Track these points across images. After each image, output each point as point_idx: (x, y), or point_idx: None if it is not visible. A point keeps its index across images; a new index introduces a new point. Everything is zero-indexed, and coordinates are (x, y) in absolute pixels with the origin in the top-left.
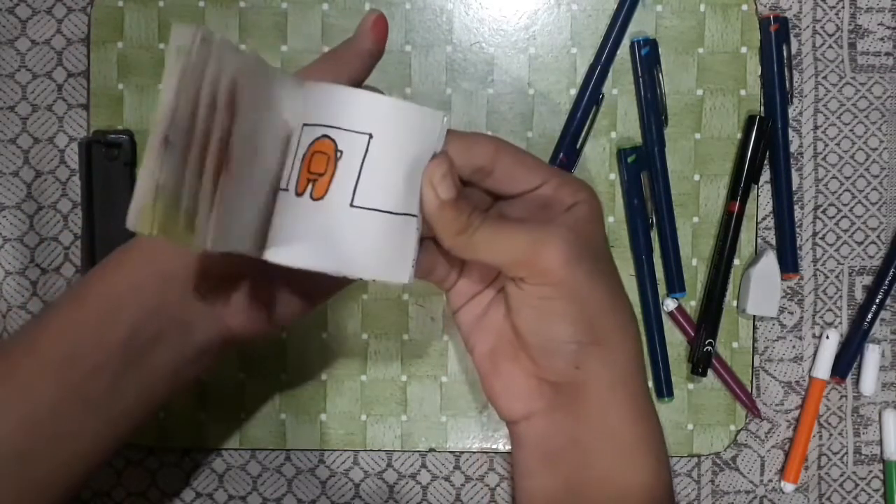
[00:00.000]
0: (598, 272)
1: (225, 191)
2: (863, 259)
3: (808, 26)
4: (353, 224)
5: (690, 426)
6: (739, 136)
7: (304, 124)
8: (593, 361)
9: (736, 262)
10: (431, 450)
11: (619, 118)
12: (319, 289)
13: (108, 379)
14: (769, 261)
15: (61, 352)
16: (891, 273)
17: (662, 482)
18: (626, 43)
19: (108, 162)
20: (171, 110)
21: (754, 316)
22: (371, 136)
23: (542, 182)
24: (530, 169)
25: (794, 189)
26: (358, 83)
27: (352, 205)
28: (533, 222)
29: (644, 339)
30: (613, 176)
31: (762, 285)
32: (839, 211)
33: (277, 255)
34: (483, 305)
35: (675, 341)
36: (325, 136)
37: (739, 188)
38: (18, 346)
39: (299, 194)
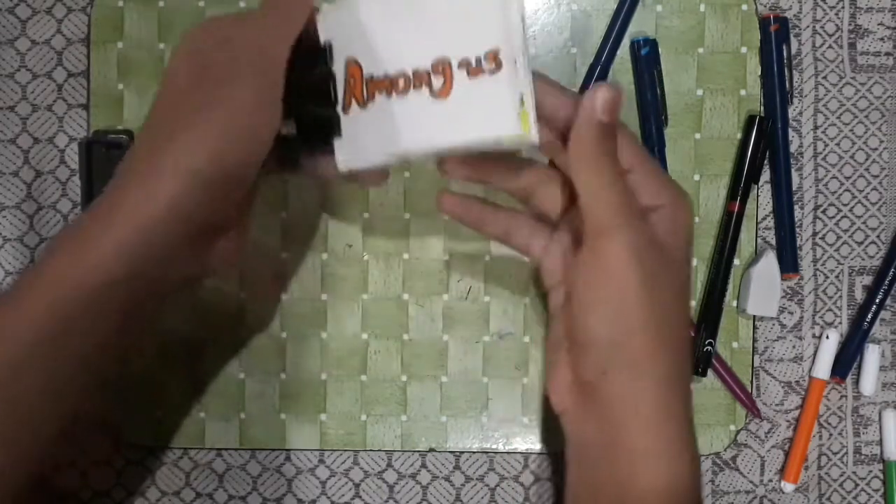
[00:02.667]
0: (660, 284)
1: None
2: (863, 259)
3: (808, 26)
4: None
5: None
6: (739, 136)
7: None
8: (622, 373)
9: (736, 262)
10: (431, 450)
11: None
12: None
13: (112, 326)
14: (769, 261)
15: (66, 300)
16: (891, 273)
17: (689, 473)
18: (626, 43)
19: (108, 162)
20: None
21: (754, 316)
22: None
23: (664, 203)
24: (662, 184)
25: (794, 189)
26: None
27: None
28: (635, 207)
29: None
30: None
31: (762, 285)
32: (839, 211)
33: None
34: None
35: None
36: None
37: (739, 188)
38: (10, 299)
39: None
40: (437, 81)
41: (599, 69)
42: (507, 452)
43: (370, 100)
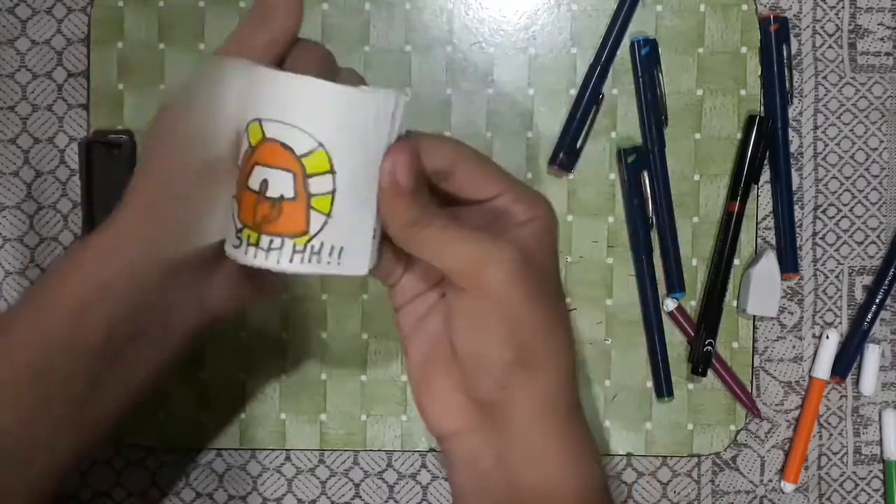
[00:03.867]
0: (541, 295)
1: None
2: (863, 259)
3: (808, 26)
4: None
5: (690, 426)
6: (739, 136)
7: (253, 120)
8: (519, 384)
9: (736, 262)
10: (431, 450)
11: (619, 118)
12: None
13: (83, 386)
14: (769, 261)
15: (35, 355)
16: (891, 273)
17: (593, 485)
18: (626, 43)
19: (108, 162)
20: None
21: (754, 316)
22: (322, 146)
23: (499, 192)
24: (490, 177)
25: (794, 189)
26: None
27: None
28: (484, 234)
29: (644, 338)
30: (613, 176)
31: (762, 285)
32: (839, 211)
33: (232, 253)
34: (424, 308)
35: (675, 341)
36: (272, 139)
37: (739, 188)
38: None
39: (234, 196)
40: None
41: (599, 69)
42: None
43: None
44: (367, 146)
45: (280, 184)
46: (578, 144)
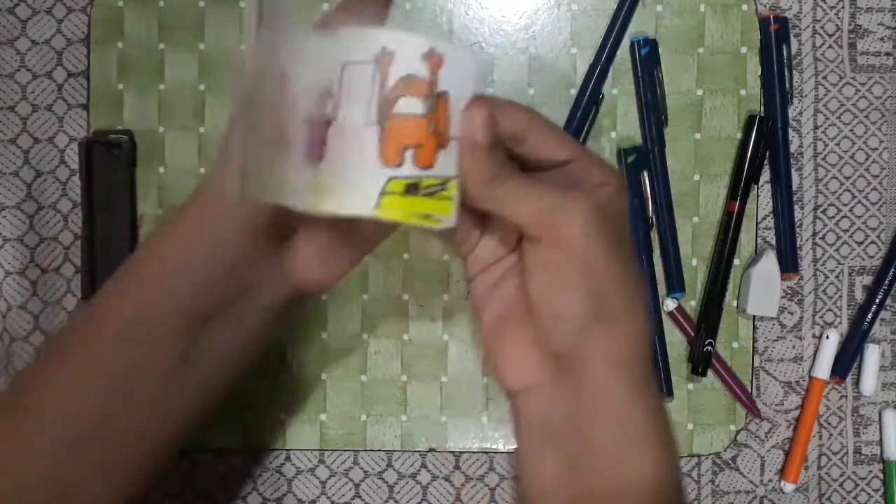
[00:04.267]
0: (617, 250)
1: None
2: (863, 259)
3: (808, 26)
4: None
5: (690, 426)
6: (739, 136)
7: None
8: (597, 336)
9: (736, 262)
10: (431, 450)
11: (619, 118)
12: (368, 236)
13: (178, 349)
14: (769, 261)
15: (126, 326)
16: (891, 273)
17: (667, 466)
18: (626, 43)
19: (108, 162)
20: (250, 74)
21: (754, 316)
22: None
23: (571, 157)
24: (563, 141)
25: (794, 189)
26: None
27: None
28: (561, 187)
29: None
30: None
31: (762, 285)
32: (839, 211)
33: (333, 206)
34: (498, 275)
35: (675, 341)
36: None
37: (739, 188)
38: (84, 322)
39: (365, 138)
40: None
41: (599, 69)
42: (507, 452)
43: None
44: (457, 103)
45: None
46: None
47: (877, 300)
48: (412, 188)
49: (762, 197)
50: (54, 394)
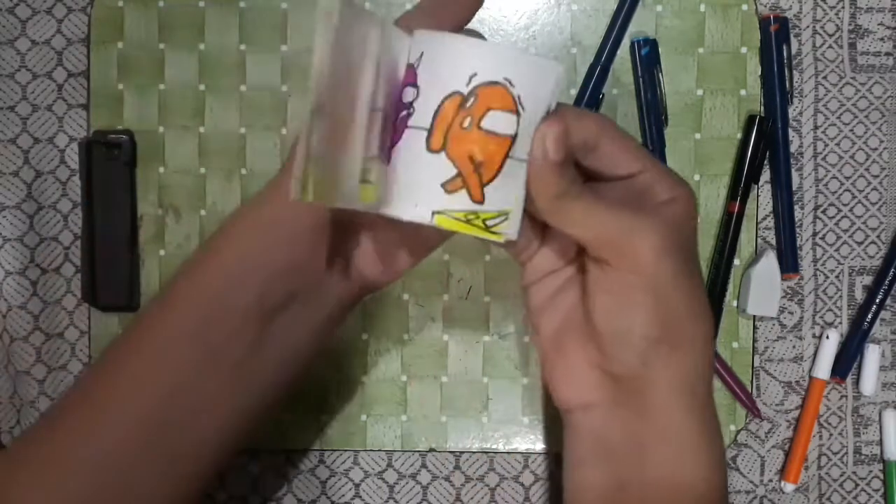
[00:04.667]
0: (686, 273)
1: (374, 154)
2: (863, 259)
3: (808, 26)
4: None
5: None
6: (739, 136)
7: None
8: (662, 360)
9: (736, 262)
10: (431, 450)
11: (619, 118)
12: (428, 237)
13: (245, 343)
14: (769, 261)
15: (194, 318)
16: (891, 273)
17: (718, 493)
18: (626, 43)
19: (108, 162)
20: (322, 78)
21: (754, 316)
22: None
23: (641, 169)
24: (633, 153)
25: (794, 189)
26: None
27: None
28: (631, 207)
29: None
30: None
31: (762, 285)
32: (839, 211)
33: (406, 212)
34: (556, 286)
35: None
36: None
37: (739, 188)
38: (152, 314)
39: (433, 150)
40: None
41: (599, 69)
42: (507, 452)
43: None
44: (534, 117)
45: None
46: None
47: (877, 300)
48: (471, 216)
49: (762, 197)
50: (121, 388)
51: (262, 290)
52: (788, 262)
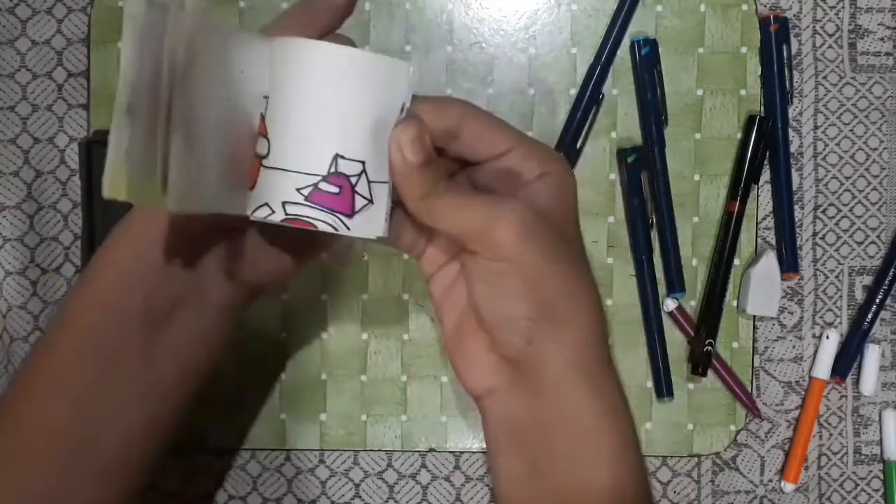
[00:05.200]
0: (557, 250)
1: (190, 153)
2: (863, 259)
3: (808, 26)
4: None
5: (690, 426)
6: (739, 136)
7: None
8: (546, 338)
9: (736, 262)
10: (431, 450)
11: (619, 118)
12: (317, 236)
13: (138, 352)
14: (769, 261)
15: (89, 331)
16: (891, 273)
17: (627, 465)
18: (626, 43)
19: None
20: (131, 77)
21: (754, 316)
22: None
23: (509, 148)
24: (497, 132)
25: (794, 189)
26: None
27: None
28: (492, 195)
29: (644, 339)
30: (613, 176)
31: (762, 285)
32: (839, 211)
33: (257, 212)
34: (450, 278)
35: (675, 341)
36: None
37: (739, 188)
38: (51, 331)
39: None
40: None
41: (599, 69)
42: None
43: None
44: (380, 115)
45: None
46: (578, 144)
47: (877, 300)
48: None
49: (762, 197)
50: (34, 408)
51: (147, 291)
52: (788, 262)
